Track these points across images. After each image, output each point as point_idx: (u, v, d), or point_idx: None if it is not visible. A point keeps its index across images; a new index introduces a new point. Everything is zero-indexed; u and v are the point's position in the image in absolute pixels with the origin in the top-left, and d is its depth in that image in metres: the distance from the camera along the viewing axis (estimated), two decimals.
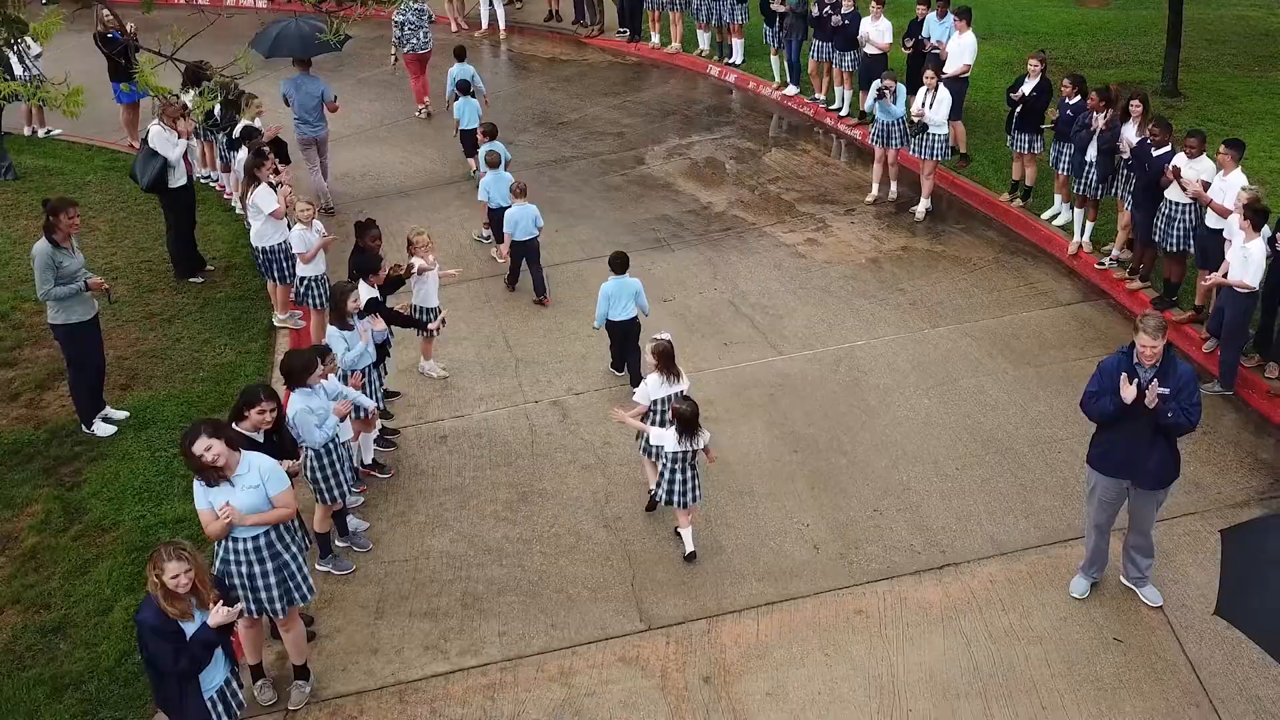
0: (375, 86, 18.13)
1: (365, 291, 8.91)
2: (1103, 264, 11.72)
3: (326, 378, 7.73)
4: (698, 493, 8.12)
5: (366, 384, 8.58)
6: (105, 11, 14.46)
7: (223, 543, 6.56)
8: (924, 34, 14.53)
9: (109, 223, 13.42)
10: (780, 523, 8.55)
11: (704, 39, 18.86)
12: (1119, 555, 7.83)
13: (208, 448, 6.24)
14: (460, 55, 14.90)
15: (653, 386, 8.35)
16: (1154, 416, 6.99)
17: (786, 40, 16.50)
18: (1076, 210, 12.10)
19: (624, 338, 10.10)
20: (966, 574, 8.03)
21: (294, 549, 6.74)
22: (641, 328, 10.06)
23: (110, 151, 15.63)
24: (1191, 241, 10.40)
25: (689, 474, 8.02)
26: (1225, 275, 9.43)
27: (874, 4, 14.75)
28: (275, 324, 11.15)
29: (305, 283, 10.48)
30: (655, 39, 19.53)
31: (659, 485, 8.15)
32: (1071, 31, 18.90)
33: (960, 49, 13.83)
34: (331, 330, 8.30)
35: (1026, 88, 12.43)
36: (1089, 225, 12.01)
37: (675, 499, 8.06)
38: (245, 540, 6.52)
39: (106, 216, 13.58)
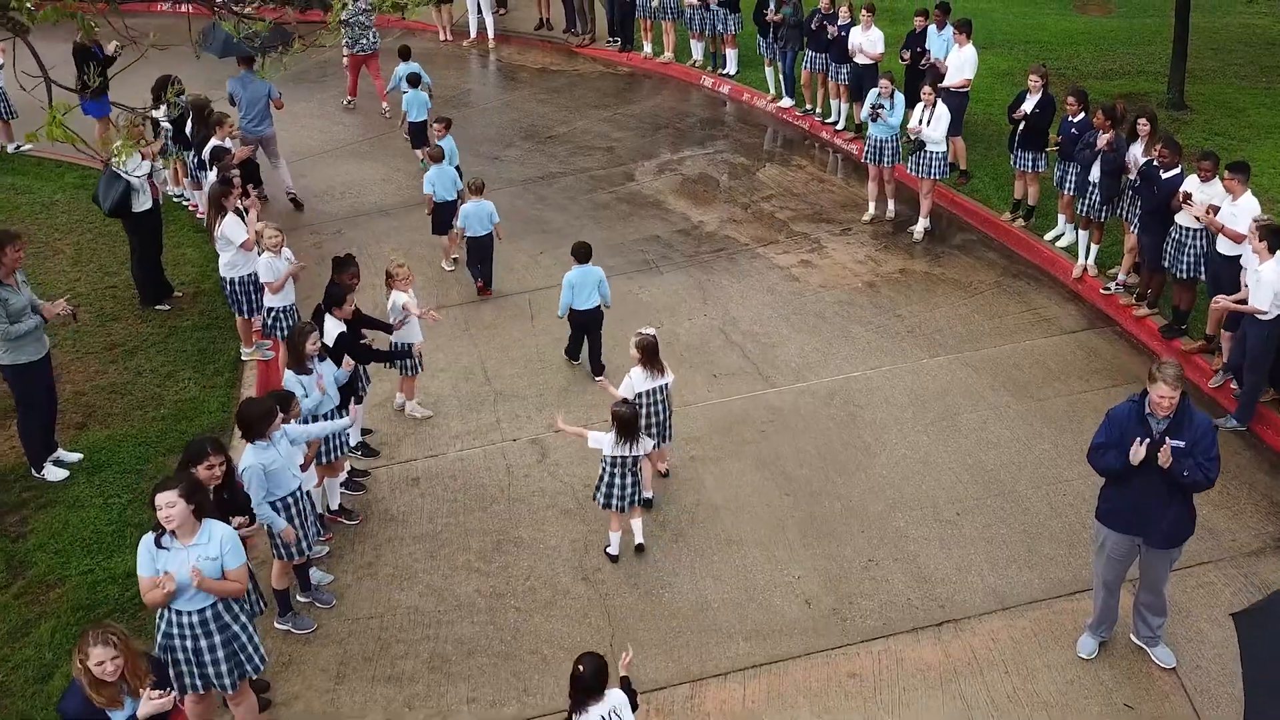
0: (359, 98, 17.59)
1: (333, 326, 8.41)
2: (1109, 289, 11.22)
3: (288, 422, 7.25)
4: (639, 497, 8.02)
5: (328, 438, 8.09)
6: (92, 22, 13.97)
7: (165, 615, 6.08)
8: (924, 45, 14.02)
9: (74, 245, 12.89)
10: (770, 575, 8.05)
11: (697, 49, 18.35)
12: (1129, 611, 7.35)
13: (170, 504, 5.81)
14: (404, 55, 15.07)
15: (637, 380, 8.28)
16: (1167, 474, 6.50)
17: (781, 51, 16.00)
18: (1081, 232, 11.61)
19: (586, 327, 10.12)
20: (967, 631, 7.55)
21: (243, 618, 6.26)
22: (604, 317, 10.16)
23: (81, 168, 15.04)
24: (1202, 268, 9.91)
25: (629, 480, 7.87)
26: (1242, 301, 8.96)
27: (865, 13, 14.26)
28: (244, 357, 10.66)
29: (273, 314, 9.99)
30: (648, 49, 19.02)
31: (597, 489, 7.98)
32: (1074, 41, 18.37)
33: (961, 62, 13.33)
34: (289, 375, 7.75)
35: (1028, 105, 11.92)
36: (1094, 248, 11.51)
37: (614, 503, 7.92)
38: (190, 614, 6.03)
39: (72, 239, 13.05)
